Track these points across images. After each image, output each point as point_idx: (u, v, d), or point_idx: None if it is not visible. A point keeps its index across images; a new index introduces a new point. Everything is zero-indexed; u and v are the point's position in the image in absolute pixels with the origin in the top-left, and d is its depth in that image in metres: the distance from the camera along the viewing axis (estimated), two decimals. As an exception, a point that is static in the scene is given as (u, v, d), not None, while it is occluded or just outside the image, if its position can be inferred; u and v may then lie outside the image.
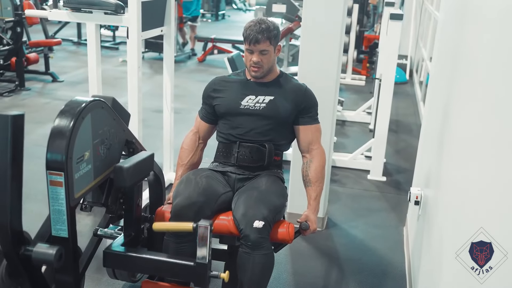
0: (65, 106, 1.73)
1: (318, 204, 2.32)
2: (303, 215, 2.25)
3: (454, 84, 2.05)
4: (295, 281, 2.82)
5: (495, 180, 1.35)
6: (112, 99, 2.15)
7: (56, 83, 6.95)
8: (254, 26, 2.26)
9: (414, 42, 8.69)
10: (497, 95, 1.39)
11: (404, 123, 5.95)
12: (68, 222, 1.72)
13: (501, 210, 1.27)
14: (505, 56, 1.37)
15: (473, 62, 1.76)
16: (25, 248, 1.72)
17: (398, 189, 4.11)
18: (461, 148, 1.75)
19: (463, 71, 1.92)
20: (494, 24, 1.55)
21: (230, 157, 2.35)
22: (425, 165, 2.73)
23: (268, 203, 2.12)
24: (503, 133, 1.31)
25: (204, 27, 13.41)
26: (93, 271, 2.74)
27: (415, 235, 2.77)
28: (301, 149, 2.44)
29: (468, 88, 1.79)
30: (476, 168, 1.48)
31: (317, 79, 3.09)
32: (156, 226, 2.05)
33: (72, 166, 1.68)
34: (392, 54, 4.18)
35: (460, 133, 1.80)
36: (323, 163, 2.39)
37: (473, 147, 1.58)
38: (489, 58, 1.55)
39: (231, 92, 2.40)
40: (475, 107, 1.63)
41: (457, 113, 1.92)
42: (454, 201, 1.72)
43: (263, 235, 2.03)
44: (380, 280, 2.86)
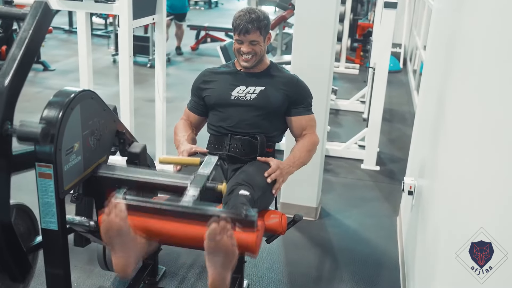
0: (54, 96, 1.70)
1: (294, 163, 2.27)
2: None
3: (449, 72, 2.03)
4: (288, 271, 2.81)
5: (496, 178, 1.32)
6: (114, 107, 2.09)
7: (47, 72, 6.88)
8: (243, 16, 2.22)
9: (408, 30, 8.66)
10: (494, 83, 1.36)
11: (398, 112, 5.93)
12: (58, 214, 1.69)
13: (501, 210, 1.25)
14: (502, 43, 1.35)
15: (469, 49, 1.73)
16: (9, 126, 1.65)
17: (392, 179, 4.10)
18: (457, 138, 1.72)
19: (458, 58, 1.90)
20: (490, 12, 1.52)
21: (222, 150, 2.33)
22: (419, 155, 2.71)
23: (253, 182, 2.09)
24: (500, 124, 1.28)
25: (197, 15, 13.33)
26: (85, 262, 2.73)
27: (409, 225, 2.76)
28: (295, 135, 2.42)
29: (463, 76, 1.76)
30: (474, 161, 1.46)
31: (311, 67, 3.07)
32: (162, 159, 2.05)
33: (61, 158, 1.65)
34: (386, 42, 4.16)
35: (456, 123, 1.78)
36: (312, 142, 2.36)
37: (469, 140, 1.56)
38: (485, 44, 1.53)
39: (221, 83, 2.37)
40: (470, 95, 1.61)
41: (452, 102, 1.90)
42: (449, 194, 1.71)
43: (247, 203, 1.96)
44: (374, 270, 2.86)
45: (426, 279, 1.94)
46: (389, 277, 2.80)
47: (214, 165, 1.94)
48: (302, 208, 3.31)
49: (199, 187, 1.77)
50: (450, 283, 1.54)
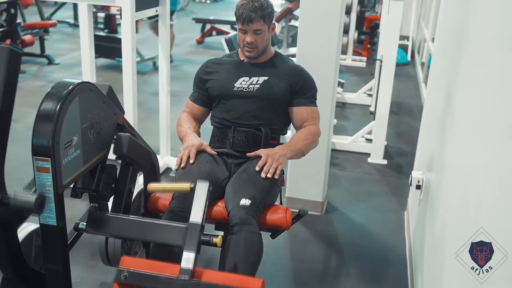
0: (52, 88, 1.65)
1: (288, 148, 2.19)
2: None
3: (457, 64, 1.98)
4: (293, 267, 2.77)
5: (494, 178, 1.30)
6: (108, 87, 2.05)
7: (52, 65, 6.86)
8: (246, 5, 2.16)
9: (416, 22, 8.57)
10: (503, 75, 1.31)
11: (405, 105, 5.86)
12: (57, 209, 1.65)
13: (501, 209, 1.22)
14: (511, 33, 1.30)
15: (478, 41, 1.68)
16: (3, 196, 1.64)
17: (399, 173, 4.04)
18: (465, 133, 1.68)
19: (467, 50, 1.85)
20: (499, 1, 1.47)
21: (225, 142, 2.28)
22: (427, 149, 2.66)
23: (256, 183, 2.05)
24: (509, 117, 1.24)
25: (203, 8, 13.28)
26: (88, 257, 2.71)
27: (416, 220, 2.71)
28: (295, 127, 2.36)
29: (472, 68, 1.71)
30: (482, 157, 1.42)
31: (317, 60, 3.01)
32: (151, 186, 1.91)
33: (59, 152, 1.61)
34: (393, 34, 4.08)
35: (464, 116, 1.73)
36: (312, 131, 2.28)
37: (476, 134, 1.53)
38: (494, 35, 1.48)
39: (223, 74, 2.31)
40: (480, 87, 1.56)
41: (461, 95, 1.85)
42: (458, 190, 1.66)
43: (250, 213, 1.94)
44: (381, 265, 2.82)
45: (434, 275, 1.90)
46: (397, 272, 2.75)
47: (205, 202, 1.78)
48: (308, 202, 3.27)
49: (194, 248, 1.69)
50: (450, 284, 1.51)
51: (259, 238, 1.94)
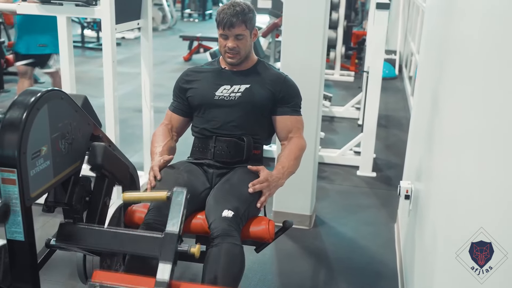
0: (18, 96, 1.57)
1: (283, 174, 2.12)
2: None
3: (442, 74, 1.96)
4: (281, 283, 2.68)
5: (494, 178, 1.28)
6: (84, 98, 1.97)
7: (37, 84, 6.76)
8: (227, 9, 2.11)
9: (403, 36, 8.60)
10: (488, 84, 1.31)
11: (394, 118, 5.83)
12: (24, 224, 1.56)
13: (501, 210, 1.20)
14: (495, 43, 1.29)
15: (461, 51, 1.66)
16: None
17: (389, 185, 3.97)
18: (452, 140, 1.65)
19: (451, 61, 1.83)
20: (482, 12, 1.46)
21: (207, 153, 2.20)
22: (415, 158, 2.61)
23: (239, 194, 1.97)
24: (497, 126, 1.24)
25: (191, 27, 13.29)
26: (67, 277, 2.61)
27: (406, 230, 2.64)
28: (279, 138, 2.29)
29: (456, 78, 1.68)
30: (470, 161, 1.40)
31: (301, 73, 2.94)
32: (126, 196, 1.81)
33: (26, 162, 1.52)
34: (379, 44, 4.05)
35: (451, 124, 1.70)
36: (299, 147, 2.22)
37: (465, 140, 1.50)
38: (477, 46, 1.47)
39: (204, 83, 2.24)
40: (464, 96, 1.54)
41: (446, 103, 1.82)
42: (447, 196, 1.63)
43: (233, 225, 1.86)
44: (371, 279, 2.73)
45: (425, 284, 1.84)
46: (387, 286, 2.66)
47: (182, 210, 1.68)
48: (296, 216, 3.18)
49: (170, 259, 1.61)
50: (450, 285, 1.47)
51: (241, 250, 1.86)
